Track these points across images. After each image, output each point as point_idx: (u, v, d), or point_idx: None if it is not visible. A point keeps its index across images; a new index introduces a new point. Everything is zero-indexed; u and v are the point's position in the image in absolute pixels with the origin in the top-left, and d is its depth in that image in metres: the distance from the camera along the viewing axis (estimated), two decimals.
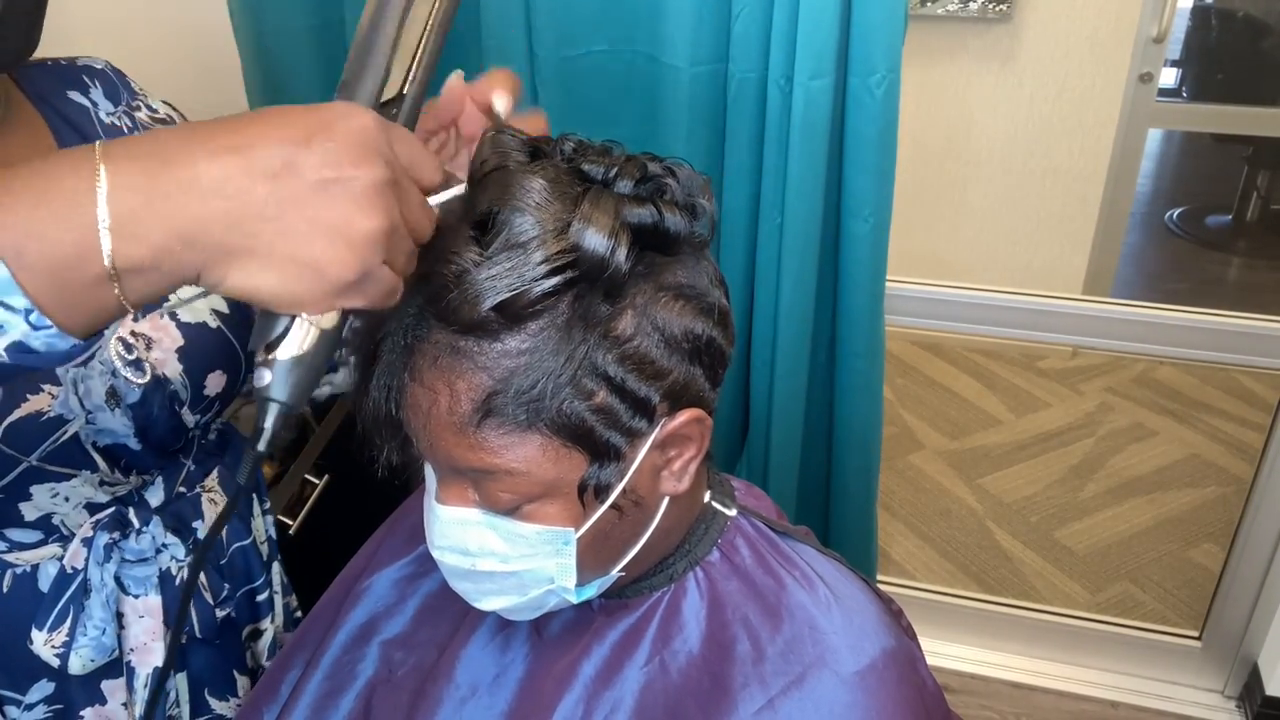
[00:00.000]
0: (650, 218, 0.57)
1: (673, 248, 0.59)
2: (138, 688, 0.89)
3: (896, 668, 0.68)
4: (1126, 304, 1.79)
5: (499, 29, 1.29)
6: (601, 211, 0.54)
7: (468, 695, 0.73)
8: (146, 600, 0.88)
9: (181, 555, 0.90)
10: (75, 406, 0.78)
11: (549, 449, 0.58)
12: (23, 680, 0.86)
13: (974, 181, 2.97)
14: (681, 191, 0.60)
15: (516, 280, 0.53)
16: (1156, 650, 1.96)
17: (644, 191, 0.58)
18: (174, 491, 0.91)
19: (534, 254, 0.53)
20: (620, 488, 0.61)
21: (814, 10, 1.12)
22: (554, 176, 0.56)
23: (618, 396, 0.57)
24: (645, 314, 0.58)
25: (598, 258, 0.54)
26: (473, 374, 0.56)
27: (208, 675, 0.96)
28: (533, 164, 0.57)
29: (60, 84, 0.87)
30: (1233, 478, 2.56)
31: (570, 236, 0.54)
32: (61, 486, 0.81)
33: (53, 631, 0.83)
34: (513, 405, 0.56)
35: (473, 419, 0.56)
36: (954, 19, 2.75)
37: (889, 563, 2.30)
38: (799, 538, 0.75)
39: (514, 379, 0.55)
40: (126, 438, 0.83)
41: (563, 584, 0.63)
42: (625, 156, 0.60)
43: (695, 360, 0.61)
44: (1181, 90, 3.85)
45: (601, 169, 0.58)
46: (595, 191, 0.56)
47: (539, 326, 0.55)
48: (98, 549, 0.85)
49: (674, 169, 0.60)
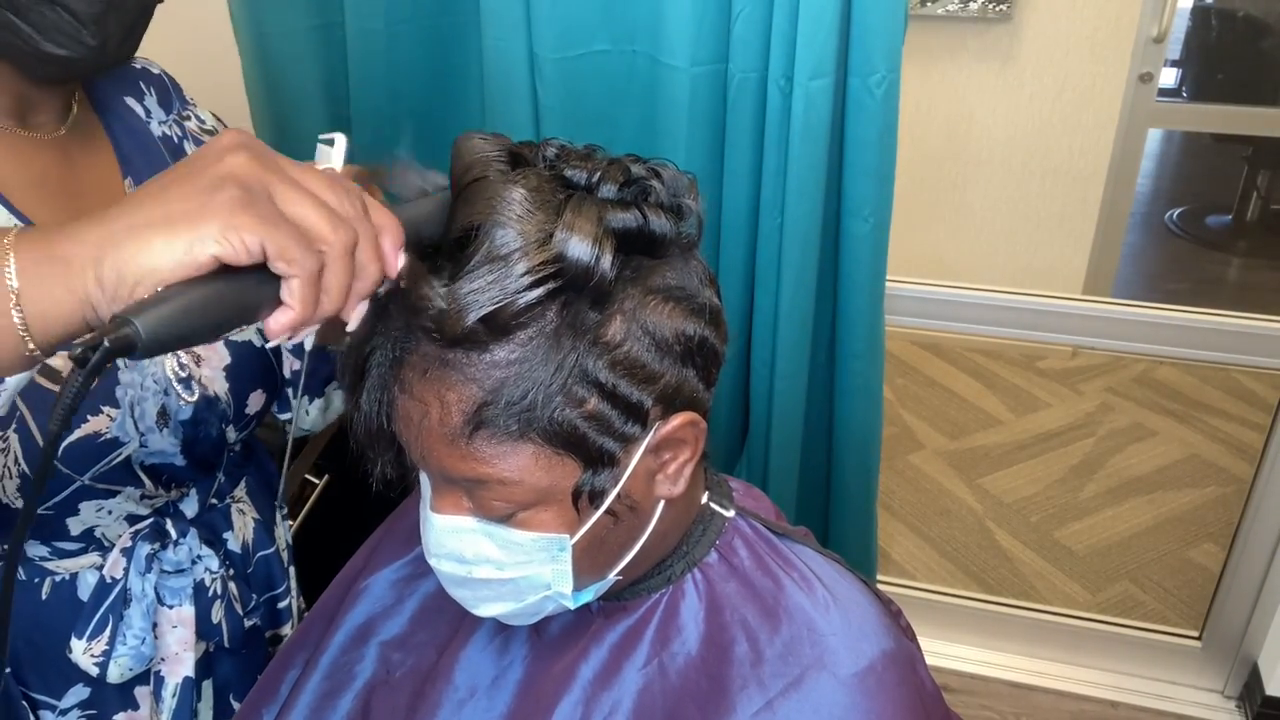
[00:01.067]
0: (635, 222, 0.57)
1: (659, 250, 0.59)
2: (165, 696, 0.89)
3: (895, 669, 0.68)
4: (1126, 304, 1.79)
5: (499, 29, 1.28)
6: (584, 219, 0.54)
7: (466, 697, 0.73)
8: (181, 611, 0.88)
9: (215, 567, 0.91)
10: (131, 430, 0.79)
11: (542, 457, 0.57)
12: (58, 685, 0.86)
13: (974, 181, 2.97)
14: (667, 192, 0.59)
15: (499, 293, 0.53)
16: (1156, 650, 1.96)
17: (628, 195, 0.58)
18: (207, 503, 0.92)
19: (516, 265, 0.53)
20: (615, 493, 0.61)
21: (814, 10, 1.12)
22: (535, 185, 0.55)
23: (609, 403, 0.57)
24: (635, 318, 0.57)
25: (582, 266, 0.54)
26: (462, 386, 0.55)
27: (233, 681, 0.97)
28: (514, 173, 0.57)
29: (119, 89, 0.88)
30: (1233, 478, 2.56)
31: (554, 246, 0.53)
32: (108, 503, 0.82)
33: (92, 640, 0.84)
34: (504, 416, 0.56)
35: (464, 430, 0.56)
36: (954, 19, 2.75)
37: (889, 563, 2.30)
38: (797, 539, 0.75)
39: (504, 389, 0.55)
40: (174, 456, 0.84)
41: (559, 590, 0.63)
42: (608, 160, 0.60)
43: (688, 362, 0.60)
44: (1181, 90, 3.85)
45: (584, 174, 0.58)
46: (578, 199, 0.55)
47: (527, 336, 0.55)
48: (139, 559, 0.85)
49: (658, 170, 0.60)
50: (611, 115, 1.31)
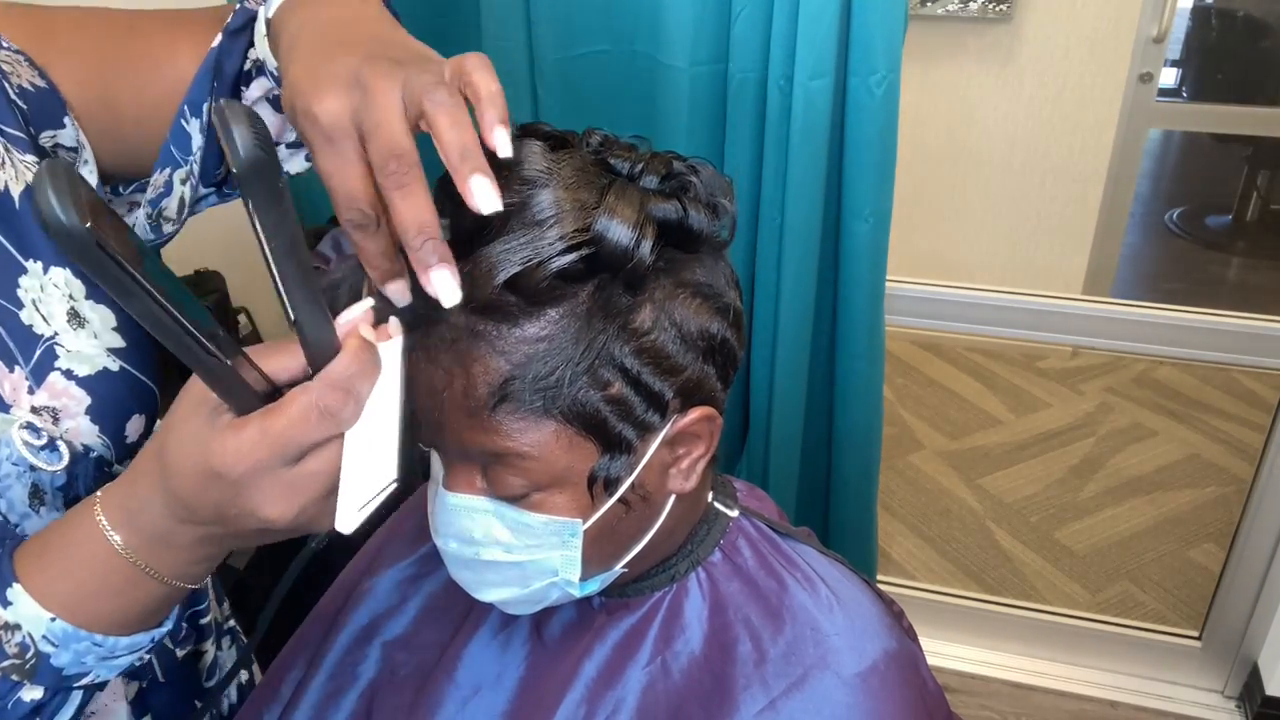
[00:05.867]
0: (675, 213, 0.57)
1: (694, 245, 0.59)
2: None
3: (898, 669, 0.68)
4: (1126, 304, 1.79)
5: (499, 29, 1.29)
6: (626, 203, 0.55)
7: (469, 695, 0.73)
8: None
9: None
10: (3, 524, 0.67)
11: (562, 436, 0.57)
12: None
13: (974, 181, 2.97)
14: (705, 190, 0.60)
15: (531, 253, 0.53)
16: (1156, 650, 1.96)
17: (669, 188, 0.59)
18: None
19: (550, 230, 0.53)
20: (629, 482, 0.61)
21: (814, 10, 1.12)
22: (580, 166, 0.56)
23: (633, 389, 0.57)
24: (664, 309, 0.58)
25: (621, 248, 0.54)
26: (490, 358, 0.55)
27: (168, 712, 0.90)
28: (560, 153, 0.57)
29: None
30: (1233, 478, 2.56)
31: (594, 226, 0.54)
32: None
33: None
34: (529, 392, 0.56)
35: (488, 403, 0.56)
36: (954, 19, 2.75)
37: (889, 563, 2.30)
38: (801, 539, 0.75)
39: (532, 365, 0.55)
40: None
41: (566, 577, 0.63)
42: (651, 153, 0.60)
43: (709, 359, 0.61)
44: (1181, 90, 3.85)
45: (627, 164, 0.59)
46: (621, 184, 0.56)
47: (559, 314, 0.55)
48: None
49: (698, 168, 0.61)
50: (612, 115, 1.31)
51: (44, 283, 0.69)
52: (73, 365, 0.70)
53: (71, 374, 0.70)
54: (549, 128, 0.60)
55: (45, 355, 0.69)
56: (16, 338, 0.68)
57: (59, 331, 0.70)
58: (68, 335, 0.70)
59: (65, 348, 0.69)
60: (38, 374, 0.68)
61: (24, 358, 0.68)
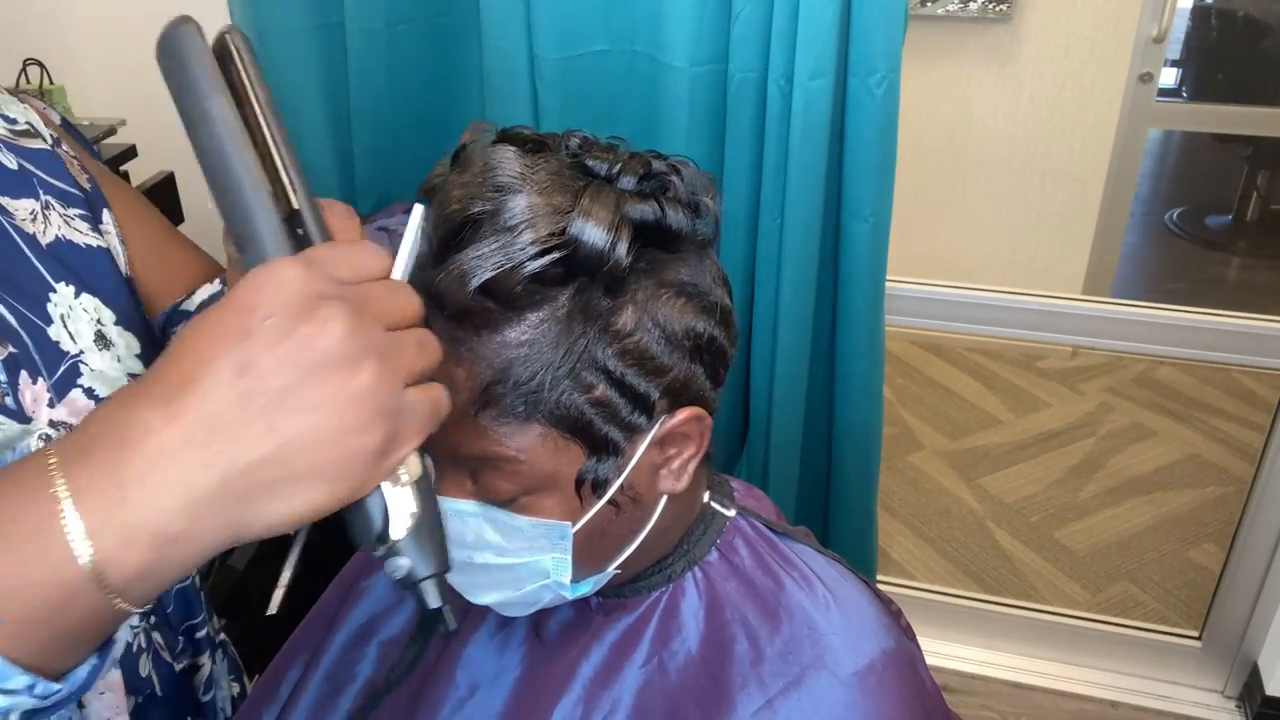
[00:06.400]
0: (652, 214, 0.57)
1: (675, 245, 0.59)
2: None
3: (895, 669, 0.68)
4: (1126, 304, 1.79)
5: (499, 29, 1.29)
6: (601, 205, 0.55)
7: (467, 695, 0.73)
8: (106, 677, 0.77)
9: (136, 622, 0.81)
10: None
11: (548, 440, 0.58)
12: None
13: (974, 181, 2.97)
14: (685, 189, 0.60)
15: (503, 259, 0.53)
16: (1156, 650, 1.96)
17: (647, 188, 0.59)
18: None
19: (523, 235, 0.53)
20: (618, 484, 0.61)
21: (814, 10, 1.12)
22: (556, 169, 0.56)
23: (617, 391, 0.58)
24: (646, 310, 0.58)
25: (596, 251, 0.54)
26: (471, 364, 0.56)
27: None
28: (535, 157, 0.57)
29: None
30: (1233, 478, 2.56)
31: (569, 229, 0.54)
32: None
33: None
34: (511, 396, 0.56)
35: (471, 407, 0.56)
36: (954, 19, 2.75)
37: (889, 563, 2.30)
38: (798, 538, 0.75)
39: (513, 370, 0.55)
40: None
41: (558, 579, 0.63)
42: (629, 154, 0.60)
43: (696, 358, 0.61)
44: (1181, 90, 3.85)
45: (605, 165, 0.59)
46: (596, 186, 0.56)
47: (539, 319, 0.55)
48: None
49: (679, 167, 0.61)
50: (612, 115, 1.31)
51: (73, 304, 0.71)
52: (95, 384, 0.71)
53: (93, 393, 0.71)
54: (529, 132, 0.60)
55: (69, 371, 0.70)
56: (43, 351, 0.69)
57: (85, 350, 0.71)
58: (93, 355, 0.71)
59: (90, 366, 0.71)
60: (60, 389, 0.69)
61: (48, 371, 0.69)
